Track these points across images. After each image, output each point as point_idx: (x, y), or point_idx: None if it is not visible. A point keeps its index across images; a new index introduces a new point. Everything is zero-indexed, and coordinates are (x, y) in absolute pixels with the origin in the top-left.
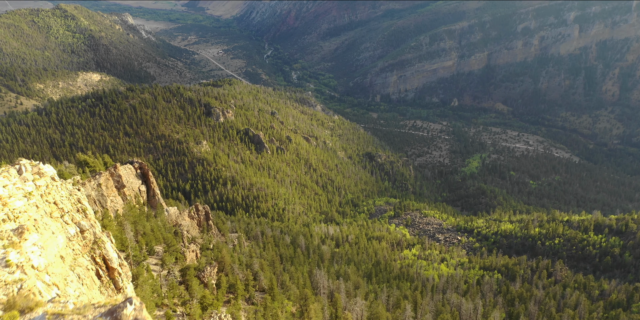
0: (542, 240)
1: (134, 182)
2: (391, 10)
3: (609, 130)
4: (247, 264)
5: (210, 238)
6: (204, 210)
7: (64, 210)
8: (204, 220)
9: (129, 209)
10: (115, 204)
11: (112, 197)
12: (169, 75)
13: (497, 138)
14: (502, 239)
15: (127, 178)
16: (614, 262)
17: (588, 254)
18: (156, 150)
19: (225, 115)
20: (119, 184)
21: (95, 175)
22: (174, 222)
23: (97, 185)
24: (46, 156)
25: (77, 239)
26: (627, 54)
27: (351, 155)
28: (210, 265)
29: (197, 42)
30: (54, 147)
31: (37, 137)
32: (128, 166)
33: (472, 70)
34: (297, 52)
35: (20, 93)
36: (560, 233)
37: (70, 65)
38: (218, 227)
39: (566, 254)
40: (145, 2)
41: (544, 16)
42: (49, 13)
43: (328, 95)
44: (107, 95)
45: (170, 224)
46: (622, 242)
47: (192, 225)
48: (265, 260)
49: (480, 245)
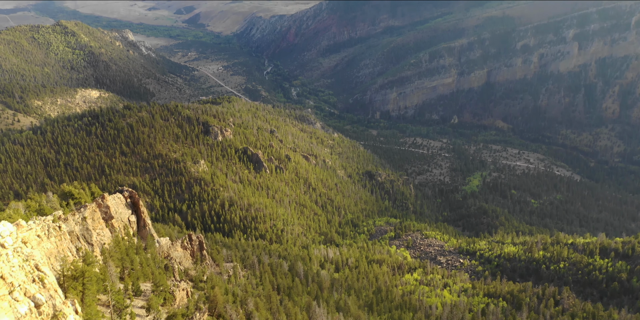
0: (546, 264)
1: (123, 212)
2: (390, 27)
3: (610, 148)
4: (242, 299)
5: (204, 269)
6: (197, 239)
7: (14, 285)
8: (198, 250)
9: (116, 243)
10: (102, 238)
11: (98, 230)
12: (169, 91)
13: (497, 156)
14: (505, 262)
15: (115, 208)
16: (621, 288)
17: (594, 279)
18: (153, 169)
19: (224, 134)
20: (107, 215)
21: (80, 208)
22: (165, 254)
23: (81, 218)
24: (40, 176)
25: (31, 316)
26: (626, 72)
27: (351, 174)
28: (199, 311)
29: (197, 58)
30: (49, 167)
31: (32, 157)
32: (117, 195)
33: (472, 87)
34: (297, 68)
35: (18, 110)
36: (565, 257)
37: (70, 81)
38: (212, 257)
39: (572, 279)
40: (146, 19)
41: (543, 33)
42: (49, 29)
43: (328, 112)
44: (104, 113)
45: (161, 256)
46: (629, 266)
47: (185, 256)
48: (261, 297)
49: (484, 269)
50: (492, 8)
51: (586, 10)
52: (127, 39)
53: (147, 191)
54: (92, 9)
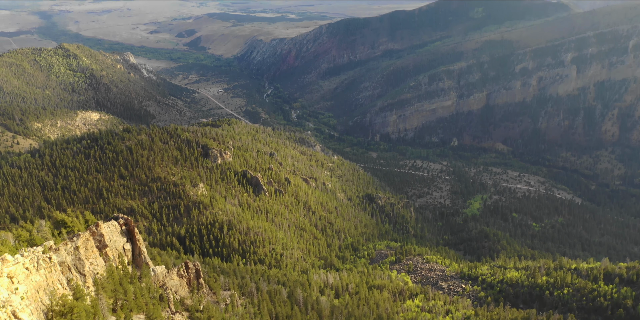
0: (550, 290)
1: (118, 240)
2: (390, 50)
3: (610, 170)
4: None
5: (201, 298)
6: (194, 267)
7: None
8: (194, 278)
9: (109, 273)
10: (95, 267)
11: (92, 259)
12: (169, 113)
13: (497, 178)
14: (508, 287)
15: (110, 236)
16: (627, 315)
17: (599, 306)
18: (151, 193)
19: (223, 157)
20: (101, 244)
21: (72, 237)
22: (160, 283)
23: (74, 248)
24: (37, 200)
25: None
26: (625, 95)
27: (351, 197)
28: None
29: (197, 80)
30: (46, 190)
31: (29, 180)
32: (112, 223)
33: (472, 110)
34: (297, 91)
35: (18, 132)
36: (568, 282)
37: (70, 103)
38: (209, 285)
39: (576, 306)
40: (148, 42)
41: (541, 57)
42: (51, 52)
43: (327, 135)
44: (103, 136)
45: (156, 286)
46: (634, 293)
47: (181, 285)
48: None
49: (486, 295)
50: (490, 32)
51: (584, 34)
52: (129, 61)
53: (145, 215)
54: (94, 32)
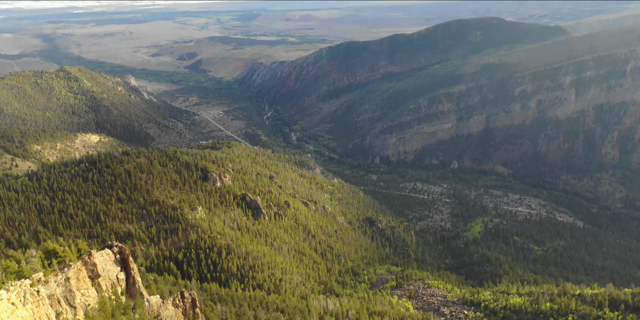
0: (554, 317)
1: (111, 269)
2: (389, 73)
3: (612, 193)
4: None
5: None
6: (190, 297)
7: None
8: (190, 308)
9: (101, 304)
10: (87, 298)
11: (83, 290)
12: (169, 136)
13: (498, 201)
14: (511, 314)
15: (103, 266)
16: None
17: None
18: (149, 216)
19: (222, 180)
20: (94, 274)
21: (63, 268)
22: (155, 313)
23: (65, 279)
24: (33, 224)
25: None
26: (624, 118)
27: (351, 220)
28: None
29: (198, 103)
30: (43, 214)
31: (26, 204)
32: (106, 251)
33: (471, 132)
34: (297, 113)
35: (17, 155)
36: (573, 309)
37: (71, 126)
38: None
39: None
40: (149, 64)
41: (540, 80)
42: (52, 75)
43: (327, 157)
44: (101, 159)
45: (150, 316)
46: None
47: (176, 315)
48: None
49: None
50: (488, 55)
51: (582, 58)
52: (130, 84)
53: (143, 239)
54: (96, 55)
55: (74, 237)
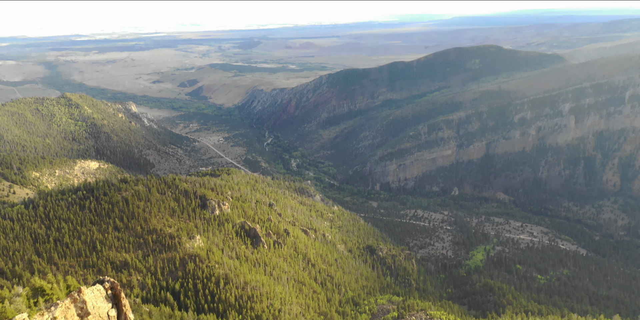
0: None
1: (102, 306)
2: (389, 100)
3: (614, 221)
4: None
5: None
6: None
7: None
8: None
9: None
10: None
11: None
12: (169, 162)
13: (500, 229)
14: None
15: (93, 302)
16: None
17: None
18: (146, 245)
19: (221, 208)
20: (83, 312)
21: (50, 307)
22: None
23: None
24: (28, 253)
25: None
26: (624, 144)
27: (351, 248)
28: None
29: (198, 129)
30: (38, 243)
31: (21, 233)
32: (97, 287)
33: (471, 159)
34: (297, 140)
35: (15, 181)
36: None
37: (70, 152)
38: None
39: None
40: (150, 91)
41: (539, 107)
42: (53, 101)
43: (327, 184)
44: (99, 187)
45: None
46: None
47: None
48: None
49: None
50: (487, 82)
51: (580, 85)
52: (130, 110)
53: (139, 268)
54: (98, 82)
55: (68, 266)
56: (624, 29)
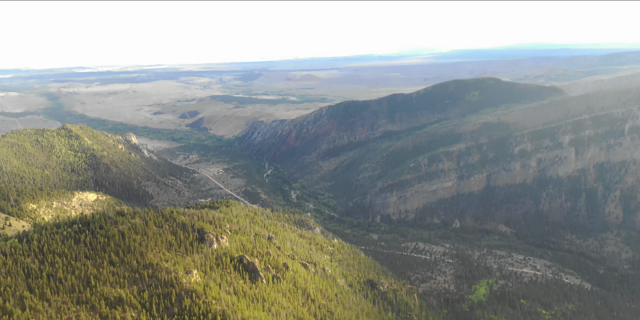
0: None
1: None
2: (389, 132)
3: (618, 254)
4: None
5: None
6: None
7: None
8: None
9: None
10: None
11: None
12: (168, 194)
13: (502, 262)
14: None
15: None
16: None
17: None
18: (142, 281)
19: (219, 241)
20: None
21: None
22: None
23: None
24: (20, 289)
25: None
26: (625, 176)
27: (352, 283)
28: None
29: (198, 160)
30: (30, 278)
31: (13, 268)
32: None
33: (472, 191)
34: (297, 171)
35: (11, 213)
36: None
37: (69, 184)
38: None
39: None
40: (151, 122)
41: (539, 139)
42: (53, 133)
43: (327, 215)
44: (95, 220)
45: None
46: None
47: None
48: None
49: None
50: (487, 114)
51: (579, 117)
52: (130, 142)
53: (134, 305)
54: (99, 113)
55: (61, 302)
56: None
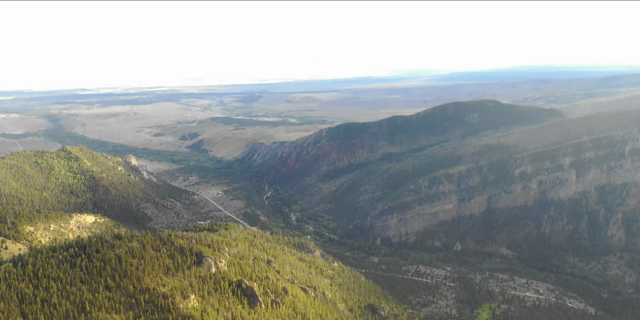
0: None
1: None
2: (389, 153)
3: (621, 277)
4: None
5: None
6: None
7: None
8: None
9: None
10: None
11: None
12: (167, 216)
13: (505, 286)
14: None
15: None
16: None
17: None
18: (138, 306)
19: (218, 265)
20: None
21: None
22: None
23: None
24: (12, 314)
25: None
26: (627, 199)
27: (352, 307)
28: None
29: (197, 182)
30: (24, 303)
31: (7, 293)
32: None
33: (473, 213)
34: (297, 193)
35: (8, 236)
36: None
37: (67, 206)
38: None
39: None
40: (151, 144)
41: (539, 161)
42: (53, 154)
43: (327, 238)
44: (92, 243)
45: None
46: None
47: None
48: None
49: None
50: (486, 136)
51: (579, 139)
52: (130, 163)
53: None
54: (99, 135)
55: None
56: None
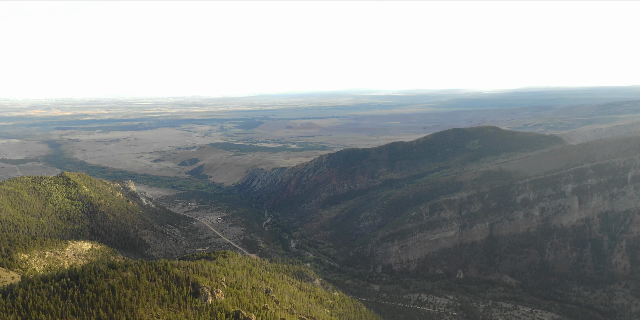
0: None
1: None
2: (389, 180)
3: (627, 307)
4: None
5: None
6: None
7: None
8: None
9: None
10: None
11: None
12: (165, 242)
13: (509, 315)
14: None
15: None
16: None
17: None
18: None
19: (215, 296)
20: None
21: None
22: None
23: None
24: None
25: None
26: (630, 226)
27: None
28: None
29: (197, 208)
30: None
31: None
32: None
33: (475, 240)
34: (297, 219)
35: (1, 264)
36: None
37: (64, 232)
38: None
39: None
40: (151, 170)
41: (541, 188)
42: (51, 180)
43: (327, 265)
44: (85, 273)
45: None
46: None
47: None
48: None
49: None
50: (487, 163)
51: (581, 166)
52: (129, 189)
53: None
54: (99, 160)
55: None
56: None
